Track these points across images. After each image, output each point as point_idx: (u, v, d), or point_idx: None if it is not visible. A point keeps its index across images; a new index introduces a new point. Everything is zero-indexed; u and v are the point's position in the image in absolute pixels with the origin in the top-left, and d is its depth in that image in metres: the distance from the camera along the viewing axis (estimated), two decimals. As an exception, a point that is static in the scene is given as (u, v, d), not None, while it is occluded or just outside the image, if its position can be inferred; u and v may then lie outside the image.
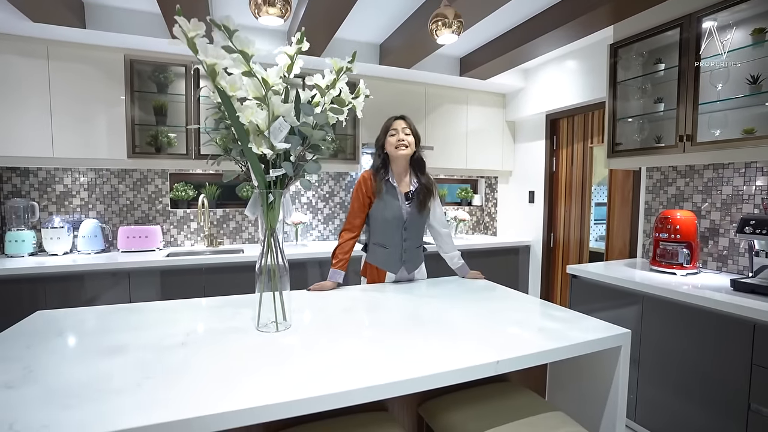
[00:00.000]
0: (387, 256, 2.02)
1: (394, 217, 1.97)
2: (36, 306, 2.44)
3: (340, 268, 1.92)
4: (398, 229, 1.99)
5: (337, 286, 1.92)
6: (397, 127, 1.94)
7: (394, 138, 1.94)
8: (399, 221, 1.98)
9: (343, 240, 1.97)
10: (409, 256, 2.04)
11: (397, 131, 1.94)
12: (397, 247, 2.01)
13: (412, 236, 2.03)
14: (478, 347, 1.19)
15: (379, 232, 2.01)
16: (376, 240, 2.04)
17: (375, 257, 2.04)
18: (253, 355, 1.13)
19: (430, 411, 1.33)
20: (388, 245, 2.01)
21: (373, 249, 2.05)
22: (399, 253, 2.02)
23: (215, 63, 1.06)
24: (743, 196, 2.26)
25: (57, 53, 2.67)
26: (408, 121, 1.97)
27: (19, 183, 2.91)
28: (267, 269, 1.29)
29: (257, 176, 1.22)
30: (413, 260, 2.07)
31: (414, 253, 2.06)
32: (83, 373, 1.00)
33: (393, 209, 1.97)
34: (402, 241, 2.00)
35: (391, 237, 2.00)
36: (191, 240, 3.35)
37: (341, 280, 1.93)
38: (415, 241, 2.06)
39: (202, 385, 0.94)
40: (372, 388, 0.97)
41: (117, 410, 0.83)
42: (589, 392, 1.42)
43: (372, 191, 1.96)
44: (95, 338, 1.24)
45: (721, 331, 1.79)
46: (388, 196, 1.97)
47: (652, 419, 2.10)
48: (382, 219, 1.98)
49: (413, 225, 2.02)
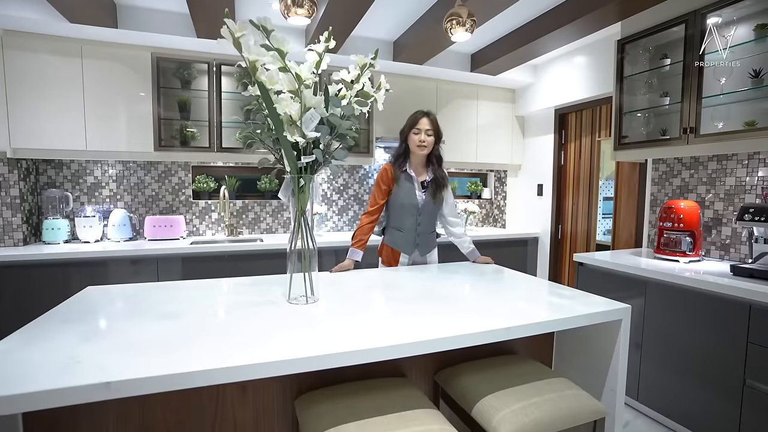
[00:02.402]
0: (402, 238, 2.20)
1: (410, 203, 2.15)
2: (71, 288, 2.61)
3: (359, 248, 2.11)
4: (413, 214, 2.16)
5: (355, 265, 2.09)
6: (422, 127, 2.10)
7: (416, 137, 2.11)
8: (414, 207, 2.15)
9: (363, 223, 2.15)
10: (422, 239, 2.21)
11: (421, 131, 2.10)
12: (411, 230, 2.18)
13: (426, 221, 2.21)
14: (490, 317, 1.31)
15: (396, 217, 2.19)
16: (393, 224, 2.22)
17: (391, 239, 2.22)
18: (286, 321, 1.26)
19: (445, 378, 1.46)
20: (403, 229, 2.19)
21: (390, 231, 2.24)
22: (413, 236, 2.19)
23: (257, 60, 1.19)
24: (746, 186, 2.35)
25: (90, 52, 2.83)
26: (432, 120, 2.13)
27: (54, 174, 3.09)
28: (297, 247, 1.42)
29: (290, 162, 1.35)
30: (426, 244, 2.24)
31: (427, 237, 2.24)
32: (144, 332, 1.14)
33: (409, 196, 2.15)
34: (416, 226, 2.18)
35: (406, 221, 2.17)
36: (212, 230, 3.50)
37: (359, 258, 2.10)
38: (428, 226, 2.23)
39: (245, 342, 1.08)
40: (393, 347, 1.10)
41: (177, 359, 0.96)
42: (592, 363, 1.54)
43: (391, 180, 2.13)
44: (147, 307, 1.38)
45: (720, 313, 1.89)
46: (405, 183, 2.15)
47: (654, 398, 2.21)
48: (399, 205, 2.16)
49: (427, 211, 2.19)
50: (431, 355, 1.53)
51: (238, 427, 1.28)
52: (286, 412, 1.33)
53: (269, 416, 1.31)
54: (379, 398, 1.22)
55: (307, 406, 1.21)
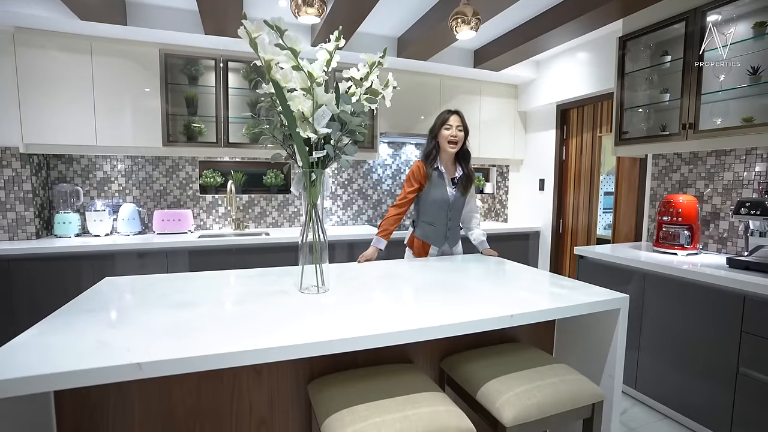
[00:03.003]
0: (433, 232, 2.31)
1: (441, 199, 2.26)
2: (83, 281, 2.68)
3: (384, 237, 2.23)
4: (444, 209, 2.28)
5: (378, 253, 2.21)
6: (453, 123, 2.21)
7: (448, 132, 2.21)
8: (445, 203, 2.27)
9: (390, 214, 2.25)
10: (452, 233, 2.34)
11: (452, 127, 2.21)
12: (442, 225, 2.30)
13: (455, 216, 2.34)
14: (495, 306, 1.37)
15: (428, 212, 2.30)
16: (424, 218, 2.32)
17: (423, 232, 2.34)
18: (298, 309, 1.32)
19: (450, 364, 1.52)
20: (435, 223, 2.30)
21: (421, 226, 2.34)
22: (444, 230, 2.31)
23: (272, 59, 1.24)
24: (743, 181, 2.40)
25: (99, 49, 2.88)
26: (461, 118, 2.24)
27: (64, 169, 3.15)
28: (309, 239, 1.48)
29: (302, 157, 1.40)
30: (455, 237, 2.37)
31: (456, 230, 2.37)
32: (164, 319, 1.20)
33: (440, 192, 2.26)
34: (447, 220, 2.30)
35: (437, 216, 2.29)
36: (219, 223, 3.57)
37: (383, 247, 2.23)
38: (457, 220, 2.36)
39: (259, 327, 1.14)
40: (402, 332, 1.16)
41: (199, 343, 1.02)
42: (591, 350, 1.60)
43: (423, 178, 2.24)
44: (164, 297, 1.44)
45: (715, 304, 1.95)
46: (437, 180, 2.27)
47: (652, 387, 2.28)
48: (431, 201, 2.27)
49: (456, 206, 2.31)
50: (437, 343, 1.59)
51: (254, 409, 1.35)
52: (299, 395, 1.40)
53: (283, 399, 1.38)
54: (388, 382, 1.28)
55: (320, 390, 1.28)
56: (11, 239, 2.84)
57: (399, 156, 4.12)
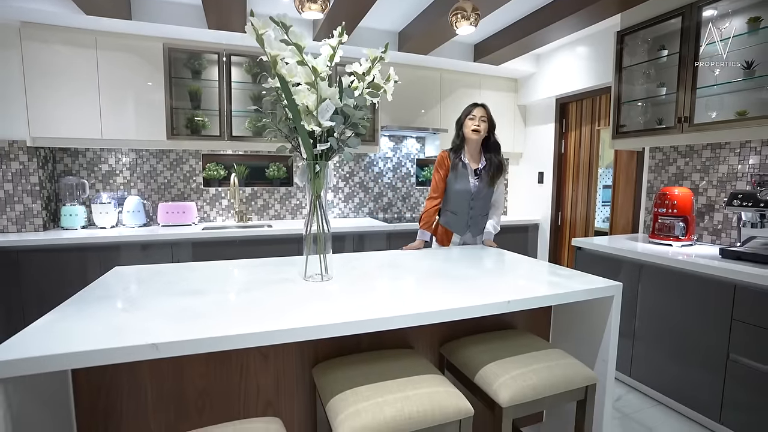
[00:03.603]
0: (456, 220, 2.41)
1: (463, 189, 2.36)
2: (90, 272, 2.74)
3: (427, 230, 2.38)
4: (466, 199, 2.37)
5: (424, 245, 2.36)
6: (476, 114, 2.32)
7: (471, 122, 2.32)
8: (467, 193, 2.35)
9: (428, 207, 2.39)
10: (474, 222, 2.42)
11: (475, 117, 2.32)
12: (464, 214, 2.39)
13: (478, 206, 2.40)
14: (493, 293, 1.43)
15: (451, 201, 2.41)
16: (447, 207, 2.43)
17: (446, 220, 2.45)
18: (303, 296, 1.38)
19: (449, 349, 1.58)
20: (457, 212, 2.40)
21: (445, 213, 2.46)
22: (465, 219, 2.40)
23: (278, 54, 1.29)
24: (737, 173, 2.44)
25: (104, 43, 2.91)
26: (486, 110, 2.36)
27: (70, 162, 3.19)
28: (313, 229, 1.53)
29: (306, 149, 1.45)
30: (477, 226, 2.44)
31: (479, 220, 2.43)
32: (174, 305, 1.25)
33: (463, 182, 2.35)
34: (469, 210, 2.38)
35: (460, 205, 2.38)
36: (222, 216, 3.62)
37: (428, 238, 2.36)
38: (480, 210, 2.42)
39: (266, 313, 1.19)
40: (403, 317, 1.21)
41: (208, 326, 1.08)
42: (586, 336, 1.66)
43: (448, 167, 2.36)
44: (173, 285, 1.50)
45: (707, 293, 2.01)
46: (461, 171, 2.36)
47: (646, 374, 2.34)
48: (453, 190, 2.37)
49: (479, 196, 2.37)
50: (437, 329, 1.65)
51: (261, 391, 1.41)
52: (304, 378, 1.46)
53: (289, 382, 1.44)
54: (390, 366, 1.34)
55: (324, 372, 1.33)
56: (19, 231, 2.90)
57: (400, 149, 4.16)
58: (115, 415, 1.26)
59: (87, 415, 1.23)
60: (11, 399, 0.91)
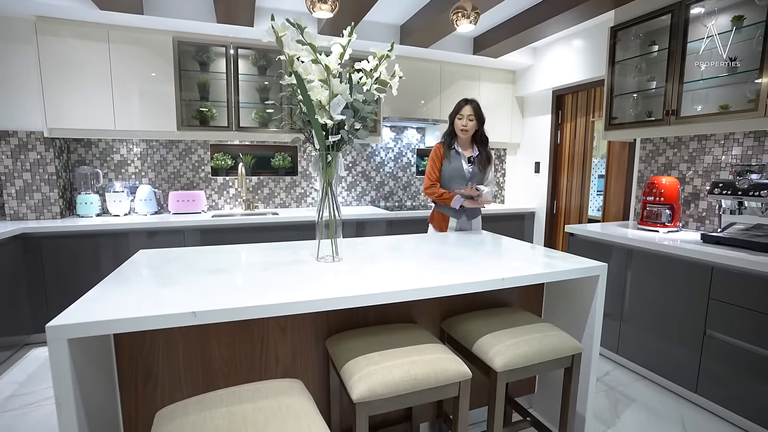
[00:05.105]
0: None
1: (458, 175, 2.51)
2: (106, 257, 2.88)
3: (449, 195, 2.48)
4: (461, 184, 2.51)
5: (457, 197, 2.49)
6: (464, 113, 2.45)
7: (459, 122, 2.47)
8: (462, 178, 2.52)
9: (434, 188, 2.53)
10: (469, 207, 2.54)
11: (463, 117, 2.45)
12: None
13: None
14: (489, 271, 1.57)
15: (447, 186, 2.54)
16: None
17: (442, 206, 2.57)
18: (317, 274, 1.52)
19: (449, 324, 1.73)
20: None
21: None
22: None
23: (295, 54, 1.41)
24: (721, 164, 2.59)
25: (116, 37, 3.01)
26: (473, 107, 2.46)
27: (84, 153, 3.31)
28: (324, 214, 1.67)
29: (319, 141, 1.58)
30: (472, 211, 2.59)
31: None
32: (201, 282, 1.39)
33: (458, 169, 2.50)
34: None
35: (455, 189, 2.50)
36: (230, 204, 3.75)
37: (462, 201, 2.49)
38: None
39: (286, 287, 1.34)
40: (408, 291, 1.36)
41: (233, 298, 1.22)
42: (574, 313, 1.82)
43: (442, 156, 2.52)
44: (198, 265, 1.64)
45: (688, 275, 2.17)
46: (454, 158, 2.52)
47: (631, 351, 2.51)
48: (449, 176, 2.53)
49: (474, 181, 2.53)
50: (438, 306, 1.81)
51: (279, 360, 1.56)
52: (318, 349, 1.61)
53: (305, 352, 1.59)
54: (395, 337, 1.49)
55: (337, 343, 1.49)
56: (38, 218, 3.03)
57: (401, 139, 4.28)
58: (152, 376, 1.41)
59: (127, 374, 1.39)
60: (75, 356, 1.05)
